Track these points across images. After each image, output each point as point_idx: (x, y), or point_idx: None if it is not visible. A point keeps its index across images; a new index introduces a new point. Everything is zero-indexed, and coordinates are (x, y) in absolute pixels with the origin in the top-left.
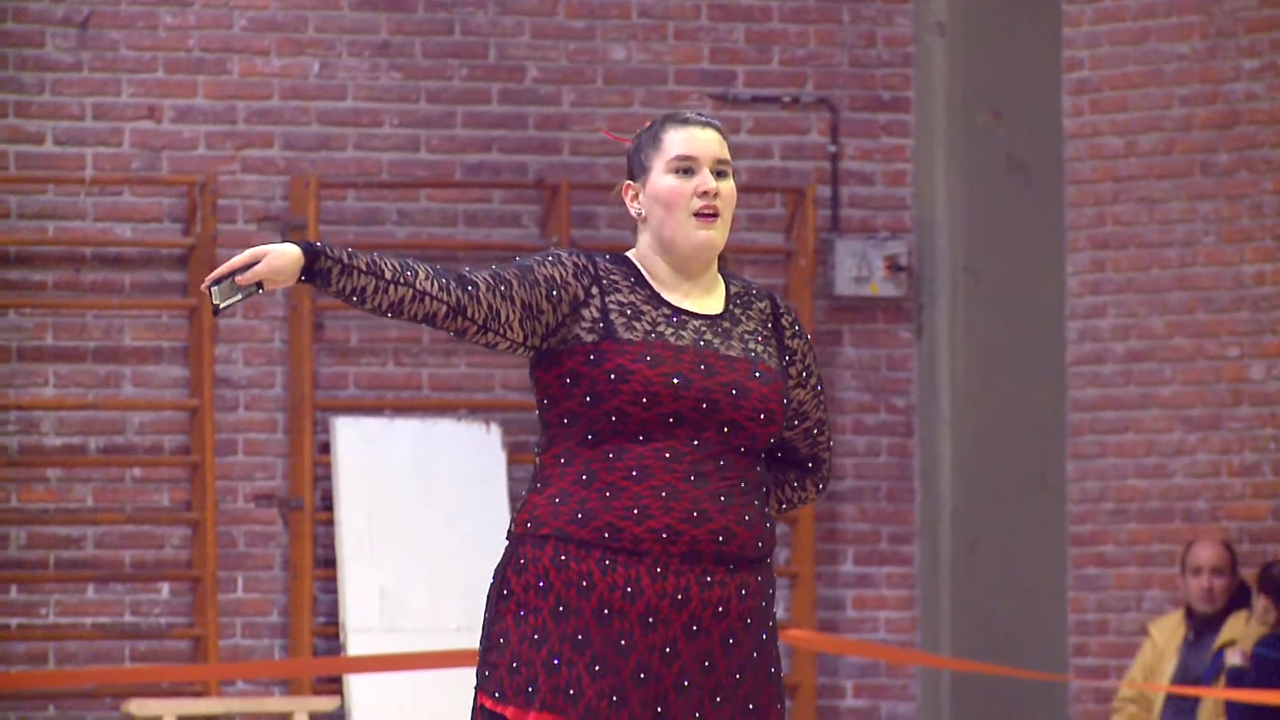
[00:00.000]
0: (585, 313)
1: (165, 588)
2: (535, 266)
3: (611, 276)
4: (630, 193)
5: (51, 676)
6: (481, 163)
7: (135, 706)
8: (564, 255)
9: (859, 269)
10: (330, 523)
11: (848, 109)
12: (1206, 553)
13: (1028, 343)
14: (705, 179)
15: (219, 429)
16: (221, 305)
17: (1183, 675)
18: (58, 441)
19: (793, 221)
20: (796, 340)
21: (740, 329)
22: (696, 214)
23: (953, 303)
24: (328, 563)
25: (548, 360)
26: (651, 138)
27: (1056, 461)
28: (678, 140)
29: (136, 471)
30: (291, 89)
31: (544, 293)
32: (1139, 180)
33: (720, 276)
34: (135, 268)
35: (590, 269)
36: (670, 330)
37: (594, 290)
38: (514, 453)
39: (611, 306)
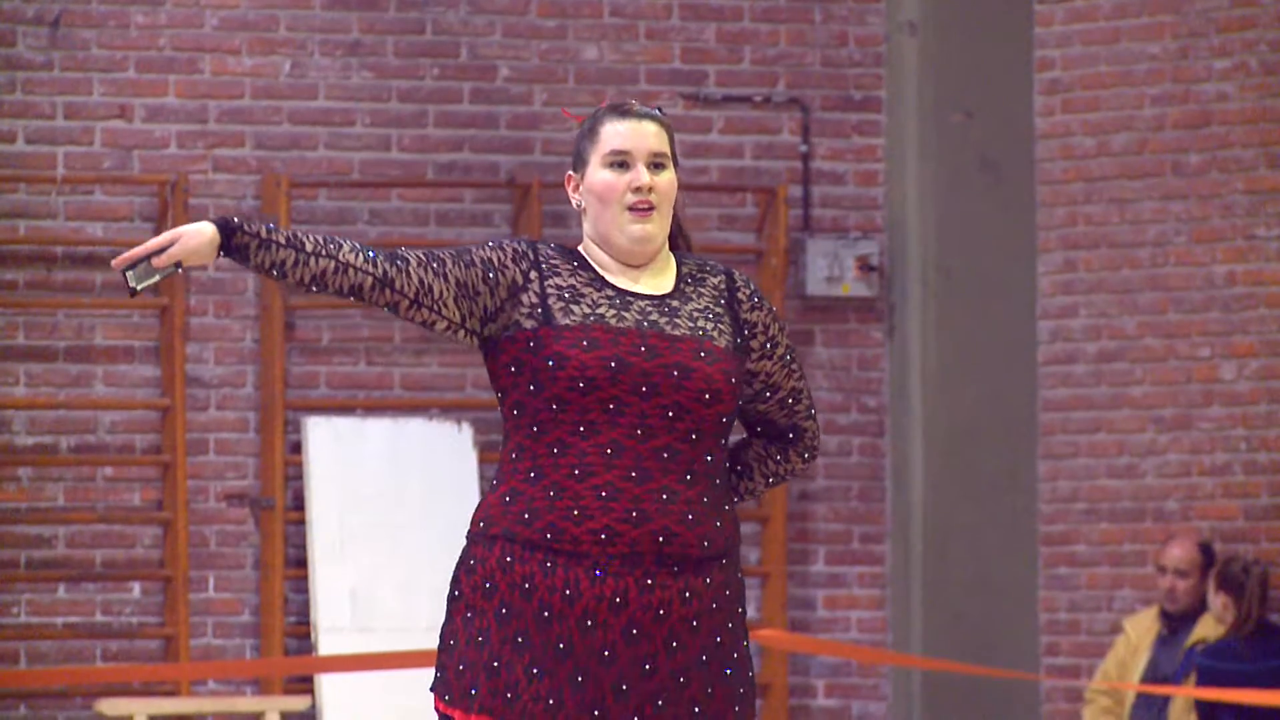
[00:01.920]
0: (524, 298)
1: (136, 587)
2: (474, 250)
3: (552, 261)
4: (572, 183)
5: (23, 676)
6: (453, 162)
7: (106, 706)
8: (505, 241)
9: (830, 269)
10: (302, 522)
11: (819, 108)
12: (1175, 553)
13: (999, 343)
14: (639, 174)
15: (190, 428)
16: (138, 288)
17: (1153, 671)
18: (29, 441)
19: (764, 221)
20: (756, 312)
21: (690, 307)
22: (631, 208)
23: (924, 303)
24: (299, 562)
25: (494, 349)
26: (590, 129)
27: (1028, 461)
28: (613, 133)
29: (108, 471)
30: (263, 88)
31: (480, 274)
32: (1110, 180)
33: (672, 256)
34: (107, 267)
35: (530, 255)
36: (612, 312)
37: (532, 275)
38: (485, 452)
39: (550, 291)
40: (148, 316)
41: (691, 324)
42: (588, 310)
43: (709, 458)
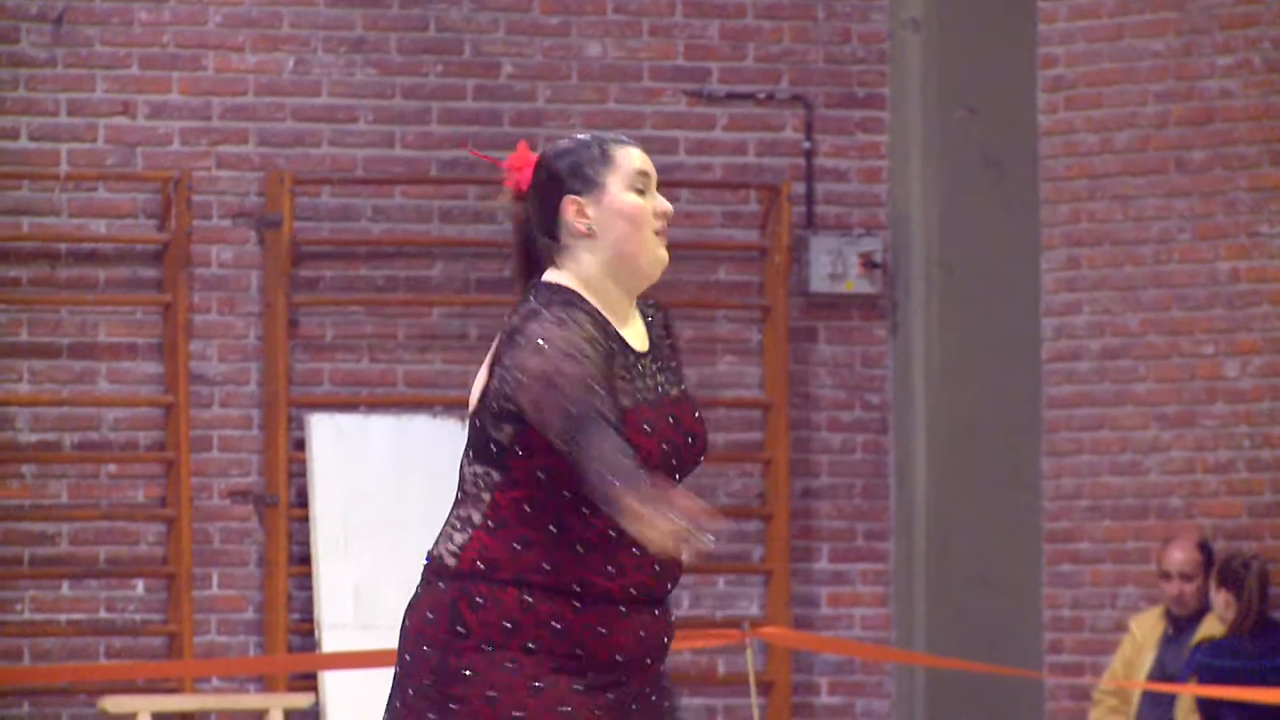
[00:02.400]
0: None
1: (140, 584)
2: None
3: (605, 337)
4: (573, 208)
5: (26, 673)
6: (456, 159)
7: (110, 703)
8: (596, 336)
9: (834, 266)
10: (305, 519)
11: (822, 105)
12: (1178, 557)
13: (1003, 339)
14: (661, 200)
15: (194, 425)
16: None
17: (1160, 670)
18: (32, 438)
19: (767, 218)
20: (674, 338)
21: (664, 352)
22: (658, 233)
23: (927, 300)
24: (303, 559)
25: None
26: (598, 155)
27: (1031, 458)
28: (633, 157)
29: (111, 468)
30: (266, 85)
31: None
32: (1114, 177)
33: None
34: (110, 264)
35: (605, 343)
36: (642, 384)
37: (606, 363)
38: None
39: (617, 373)
40: (151, 313)
41: (676, 377)
42: (636, 388)
43: None
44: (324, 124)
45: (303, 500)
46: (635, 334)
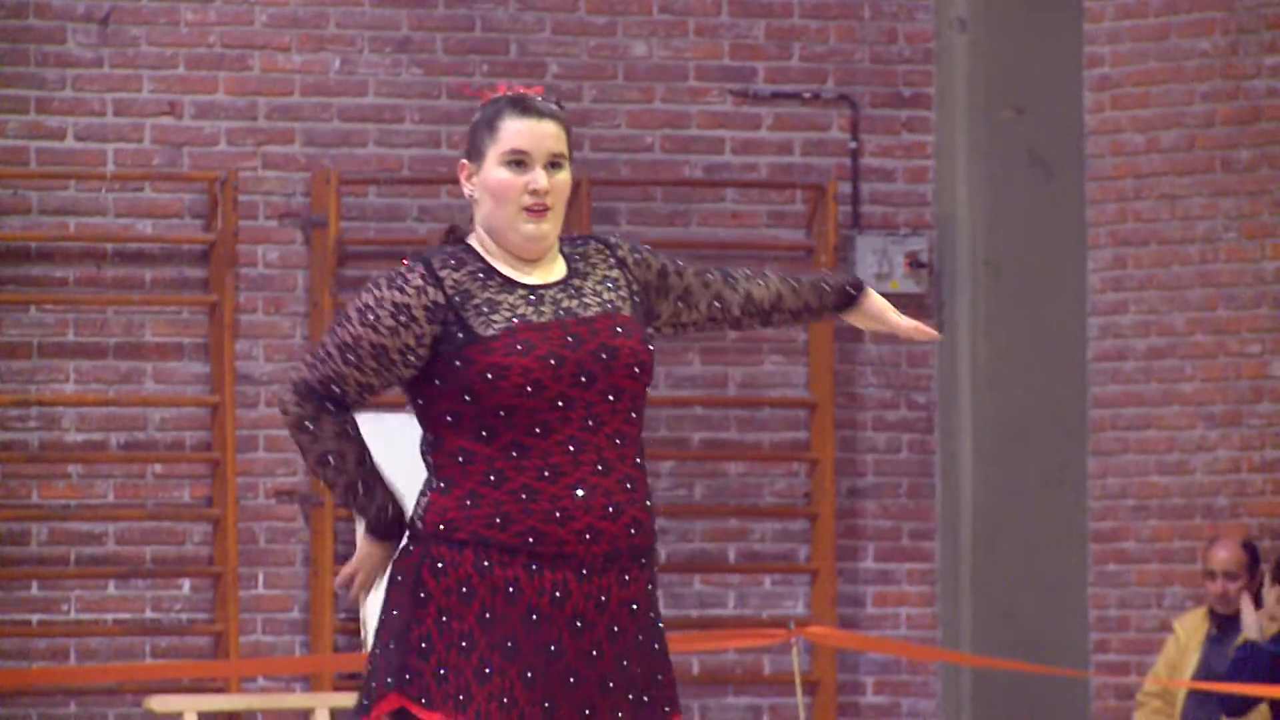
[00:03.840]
0: (448, 333)
1: (186, 584)
2: (388, 345)
3: (461, 285)
4: (465, 172)
5: (73, 673)
6: None
7: (156, 702)
8: (413, 302)
9: (880, 265)
10: (351, 519)
11: (868, 105)
12: (1222, 556)
13: (1049, 339)
14: (537, 176)
15: (240, 425)
16: None
17: (1205, 671)
18: (79, 438)
19: (813, 218)
20: (639, 263)
21: (590, 282)
22: (526, 209)
23: (973, 299)
24: (348, 558)
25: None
26: (489, 122)
27: (1077, 458)
28: (514, 131)
29: (157, 468)
30: (313, 85)
31: (401, 363)
32: (1160, 176)
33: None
34: (156, 264)
35: (439, 299)
36: (531, 309)
37: (449, 315)
38: None
39: (468, 311)
40: (197, 313)
41: (599, 299)
42: (507, 314)
43: (641, 434)
44: (370, 124)
45: None
46: (542, 271)
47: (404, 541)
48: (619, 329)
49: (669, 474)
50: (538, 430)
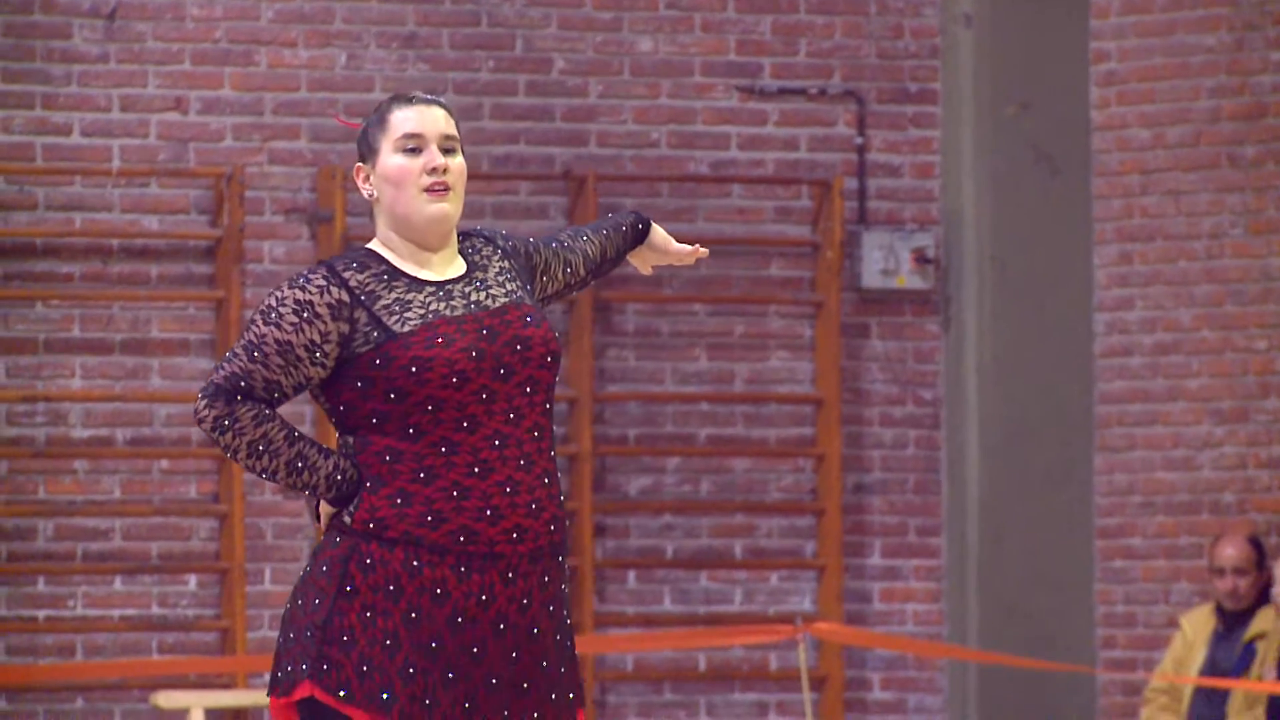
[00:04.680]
0: (357, 333)
1: (193, 579)
2: (293, 341)
3: (366, 287)
4: (362, 175)
5: (79, 669)
6: (508, 154)
7: (162, 698)
8: (316, 300)
9: (886, 261)
10: None
11: (874, 101)
12: (1230, 552)
13: (1055, 335)
14: (433, 155)
15: None
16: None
17: (1211, 667)
18: (85, 433)
19: (819, 214)
20: (514, 250)
21: (490, 275)
22: (427, 190)
23: (980, 295)
24: None
25: (332, 374)
26: (378, 119)
27: (1084, 454)
28: (404, 119)
29: (164, 463)
30: (319, 80)
31: (308, 362)
32: (1166, 172)
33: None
34: (162, 260)
35: (343, 293)
36: (443, 305)
37: (357, 313)
38: None
39: (379, 311)
40: (203, 309)
41: (503, 290)
42: (420, 310)
43: (552, 420)
44: None
45: None
46: (444, 267)
47: (327, 532)
48: (528, 319)
49: (676, 470)
50: (465, 425)
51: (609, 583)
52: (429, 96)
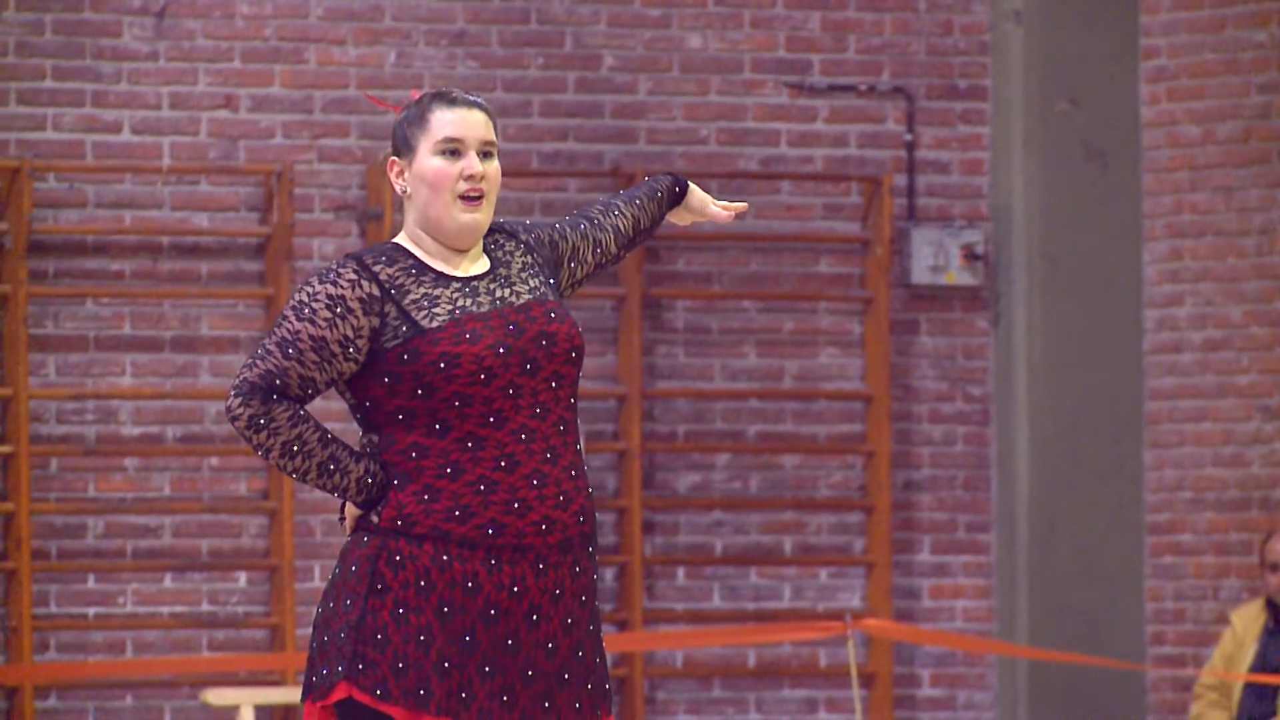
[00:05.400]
0: (387, 327)
1: (242, 577)
2: (327, 337)
3: (395, 281)
4: (396, 169)
5: (129, 666)
6: (558, 151)
7: (212, 696)
8: (348, 294)
9: (935, 258)
10: None
11: (924, 97)
12: (1279, 548)
13: (1105, 331)
14: (472, 162)
15: None
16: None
17: (1262, 664)
18: (135, 431)
19: (869, 210)
20: (537, 242)
21: (514, 271)
22: (462, 196)
23: (1029, 291)
24: None
25: (361, 369)
26: (419, 116)
27: (1134, 450)
28: (445, 121)
29: (214, 461)
30: (368, 78)
31: (342, 357)
32: (1216, 168)
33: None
34: (212, 257)
35: (375, 292)
36: (470, 301)
37: (387, 308)
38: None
39: (408, 306)
40: (253, 307)
41: (527, 286)
42: (448, 306)
43: (577, 414)
44: None
45: None
46: (469, 264)
47: (354, 533)
48: (552, 314)
49: (725, 467)
50: (492, 420)
51: (658, 579)
52: (471, 98)
